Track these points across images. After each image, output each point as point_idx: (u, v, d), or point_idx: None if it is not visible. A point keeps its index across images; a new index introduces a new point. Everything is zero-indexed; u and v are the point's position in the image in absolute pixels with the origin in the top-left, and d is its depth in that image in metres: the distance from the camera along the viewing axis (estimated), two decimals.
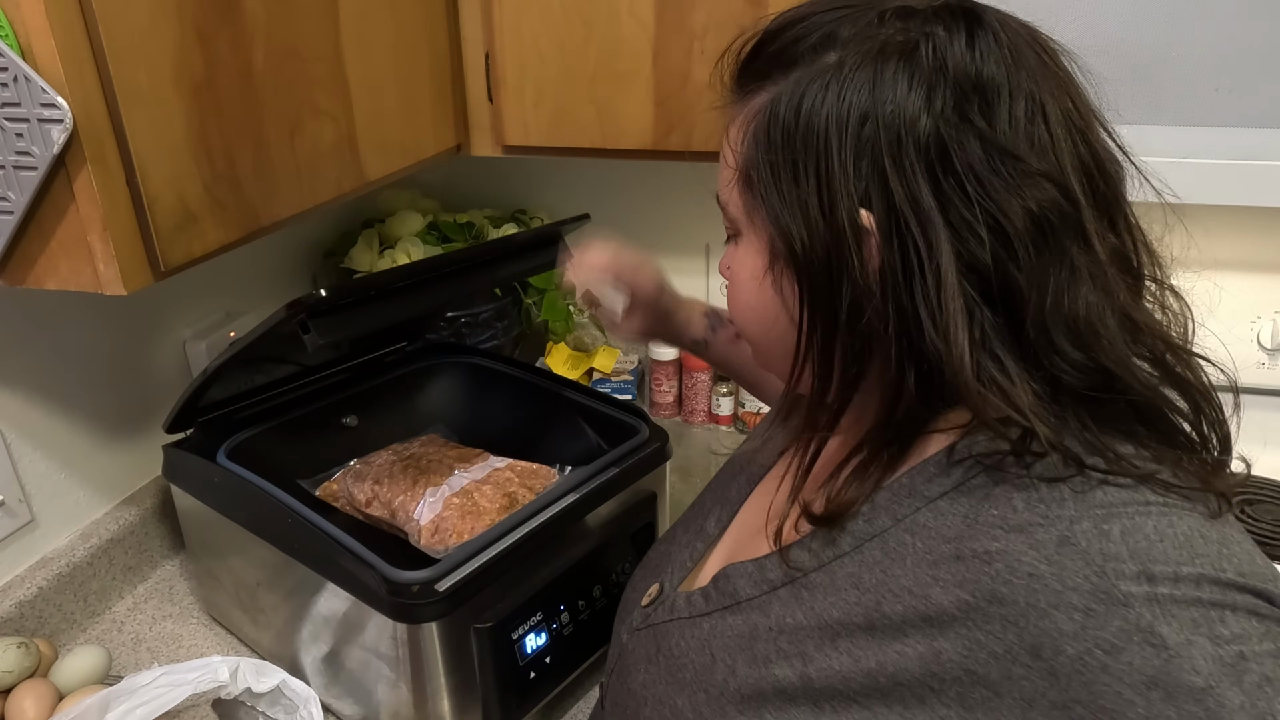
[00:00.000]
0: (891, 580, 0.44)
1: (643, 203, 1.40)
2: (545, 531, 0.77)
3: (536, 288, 1.37)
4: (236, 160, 0.72)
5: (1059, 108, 0.43)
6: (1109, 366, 0.42)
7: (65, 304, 0.91)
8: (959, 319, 0.41)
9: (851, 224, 0.43)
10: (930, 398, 0.45)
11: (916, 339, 0.43)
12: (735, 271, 0.52)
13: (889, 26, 0.44)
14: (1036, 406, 0.41)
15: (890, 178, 0.42)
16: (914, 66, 0.42)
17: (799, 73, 0.45)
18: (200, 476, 0.86)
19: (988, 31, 0.43)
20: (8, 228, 0.61)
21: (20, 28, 0.56)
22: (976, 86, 0.42)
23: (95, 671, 0.84)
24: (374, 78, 0.88)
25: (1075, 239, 0.43)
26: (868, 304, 0.43)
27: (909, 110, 0.42)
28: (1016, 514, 0.41)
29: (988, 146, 0.42)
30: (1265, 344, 1.14)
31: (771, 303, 0.49)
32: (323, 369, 1.02)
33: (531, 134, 1.04)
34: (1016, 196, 0.42)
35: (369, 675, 0.77)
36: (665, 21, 0.96)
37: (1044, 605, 0.38)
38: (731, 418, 1.35)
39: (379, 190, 1.22)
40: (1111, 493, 0.40)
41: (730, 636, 0.52)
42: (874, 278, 0.43)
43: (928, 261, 0.42)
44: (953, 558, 0.42)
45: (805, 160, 0.44)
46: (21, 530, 0.90)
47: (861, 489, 0.48)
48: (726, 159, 0.50)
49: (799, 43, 0.46)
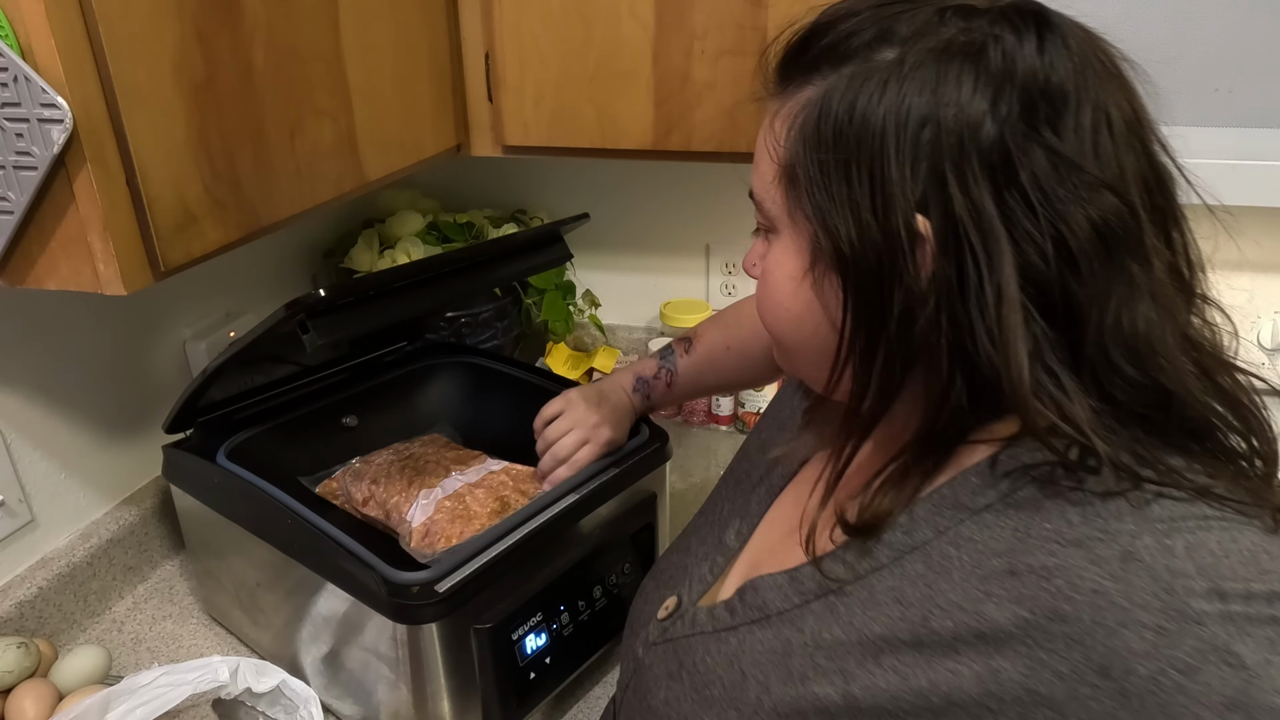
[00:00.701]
0: (938, 595, 0.43)
1: (642, 203, 1.40)
2: (545, 532, 0.77)
3: (536, 288, 1.37)
4: (236, 160, 0.72)
5: (1122, 116, 0.42)
6: (1166, 385, 0.41)
7: (65, 304, 0.91)
8: (1019, 332, 0.40)
9: (907, 229, 0.41)
10: (978, 408, 0.44)
11: (970, 350, 0.42)
12: (769, 270, 0.50)
13: (950, 25, 0.42)
14: (1093, 422, 0.40)
15: (950, 184, 0.41)
16: (980, 69, 0.41)
17: (853, 68, 0.44)
18: (200, 476, 0.86)
19: (1057, 35, 0.42)
20: (8, 228, 0.61)
21: (20, 28, 0.56)
22: (1045, 93, 0.41)
23: (95, 671, 0.84)
24: (374, 78, 0.88)
25: (1135, 254, 0.41)
26: (920, 312, 0.42)
27: (973, 114, 0.40)
28: (1072, 528, 0.40)
29: (1054, 156, 0.40)
30: (1265, 344, 1.14)
31: (809, 305, 0.47)
32: (323, 369, 1.02)
33: (531, 134, 1.04)
34: (1081, 209, 0.40)
35: (369, 676, 0.77)
36: (665, 21, 0.96)
37: (1111, 623, 0.37)
38: (731, 418, 1.35)
39: (379, 190, 1.22)
40: (1169, 506, 0.39)
41: (761, 652, 0.50)
42: (927, 285, 0.42)
43: (988, 273, 0.40)
44: (1005, 572, 0.41)
45: (859, 160, 0.42)
46: (21, 530, 0.90)
47: (898, 499, 0.46)
48: (769, 153, 0.48)
49: (853, 37, 0.44)
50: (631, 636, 0.65)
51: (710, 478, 1.23)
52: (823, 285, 0.46)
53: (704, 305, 1.38)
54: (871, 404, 0.46)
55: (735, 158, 1.01)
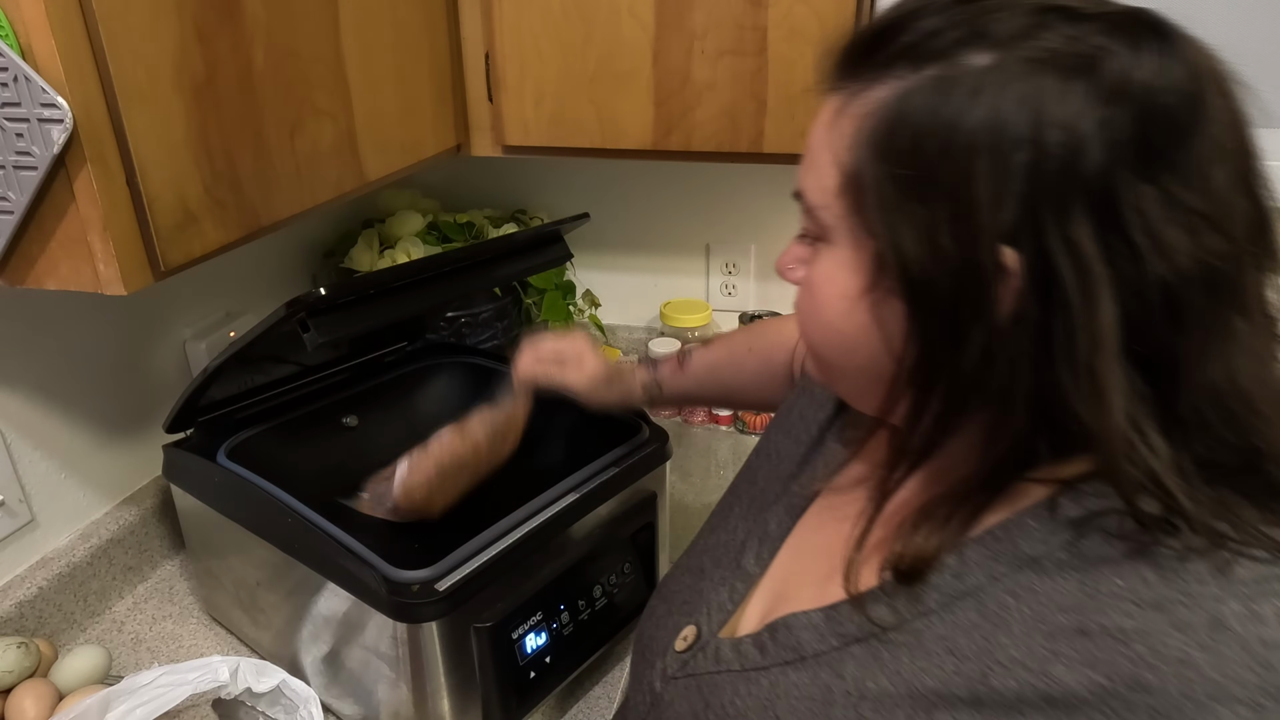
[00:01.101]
0: (997, 649, 0.39)
1: (642, 203, 1.40)
2: (545, 531, 0.77)
3: (536, 288, 1.37)
4: (236, 160, 0.72)
5: (1234, 149, 0.38)
6: (1260, 447, 0.38)
7: (65, 304, 0.91)
8: (1114, 386, 0.37)
9: (991, 262, 0.37)
10: (1044, 450, 0.41)
11: (1051, 397, 0.38)
12: (818, 285, 0.45)
13: (1054, 31, 0.37)
14: (1179, 480, 0.37)
15: (1046, 216, 0.36)
16: (1089, 87, 0.36)
17: (936, 70, 0.38)
18: (200, 476, 0.86)
19: (1177, 53, 0.36)
20: (8, 228, 0.61)
21: (20, 28, 0.56)
22: (1161, 120, 0.36)
23: (95, 671, 0.84)
24: (374, 78, 0.88)
25: (1237, 305, 0.38)
26: (999, 353, 0.38)
27: (1079, 139, 0.35)
28: (1150, 588, 0.37)
29: (1165, 193, 0.36)
30: None
31: (864, 328, 0.43)
32: (323, 369, 1.02)
33: (531, 134, 1.04)
34: (1190, 255, 0.36)
35: (369, 675, 0.77)
36: (665, 21, 0.96)
37: (1201, 697, 0.34)
38: (731, 417, 1.35)
39: (379, 190, 1.22)
40: (1251, 568, 0.36)
41: (799, 698, 0.46)
42: (1008, 324, 0.38)
43: (1083, 317, 0.36)
44: (1075, 631, 0.37)
45: (940, 179, 0.38)
46: (21, 530, 0.90)
47: (943, 539, 0.43)
48: (829, 155, 0.43)
49: (938, 35, 0.39)
50: (644, 665, 0.60)
51: (710, 478, 1.23)
52: (882, 309, 0.42)
53: (704, 305, 1.38)
54: (927, 437, 0.42)
55: (735, 158, 1.01)
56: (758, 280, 1.42)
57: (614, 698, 0.86)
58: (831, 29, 0.91)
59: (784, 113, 0.97)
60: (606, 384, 0.84)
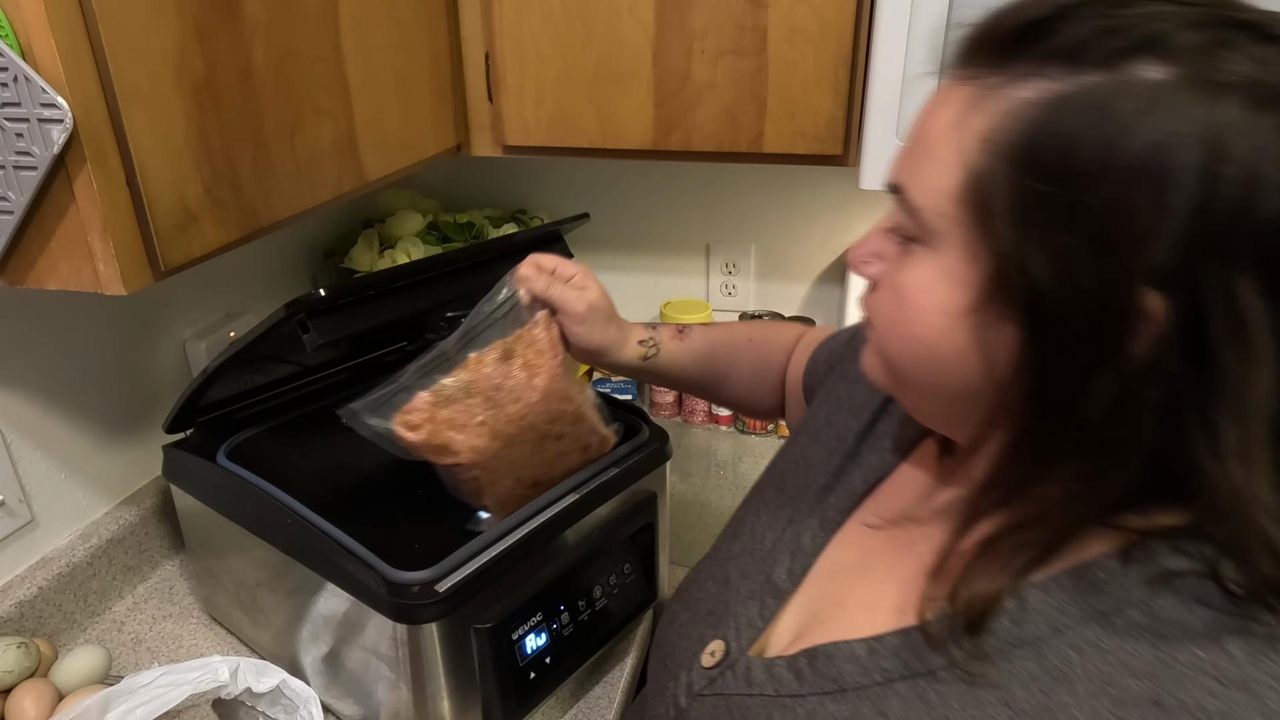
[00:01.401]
0: (1058, 708, 0.36)
1: (642, 203, 1.40)
2: (545, 531, 0.77)
3: None
4: (236, 160, 0.72)
5: None
6: None
7: (65, 304, 0.91)
8: (1262, 459, 0.33)
9: (1133, 303, 0.33)
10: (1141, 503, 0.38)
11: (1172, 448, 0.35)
12: (911, 293, 0.41)
13: (1240, 51, 0.32)
14: None
15: (1208, 261, 0.32)
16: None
17: (1097, 78, 0.34)
18: (200, 476, 0.86)
19: None
20: (8, 228, 0.61)
21: (20, 28, 0.56)
22: None
23: (95, 671, 0.84)
24: (374, 78, 0.88)
25: None
26: (1126, 399, 0.34)
27: (1259, 179, 0.31)
28: (1235, 665, 0.34)
29: None
30: None
31: (961, 349, 0.39)
32: (323, 369, 1.01)
33: (531, 134, 1.04)
34: None
35: (369, 675, 0.77)
36: (665, 21, 0.96)
37: None
38: (731, 418, 1.35)
39: (379, 190, 1.22)
40: None
41: None
42: (1139, 369, 0.34)
43: (1235, 381, 0.33)
44: (1149, 702, 0.34)
45: (1090, 203, 0.33)
46: (21, 530, 0.90)
47: (1005, 583, 0.39)
48: (953, 154, 0.38)
49: (1105, 36, 0.34)
50: (666, 676, 0.58)
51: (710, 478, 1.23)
52: (989, 332, 0.38)
53: (704, 305, 1.38)
54: (1025, 474, 0.39)
55: (735, 158, 1.01)
56: (758, 280, 1.42)
57: (614, 698, 0.87)
58: (832, 29, 0.91)
59: (784, 113, 0.97)
60: (605, 319, 0.74)
